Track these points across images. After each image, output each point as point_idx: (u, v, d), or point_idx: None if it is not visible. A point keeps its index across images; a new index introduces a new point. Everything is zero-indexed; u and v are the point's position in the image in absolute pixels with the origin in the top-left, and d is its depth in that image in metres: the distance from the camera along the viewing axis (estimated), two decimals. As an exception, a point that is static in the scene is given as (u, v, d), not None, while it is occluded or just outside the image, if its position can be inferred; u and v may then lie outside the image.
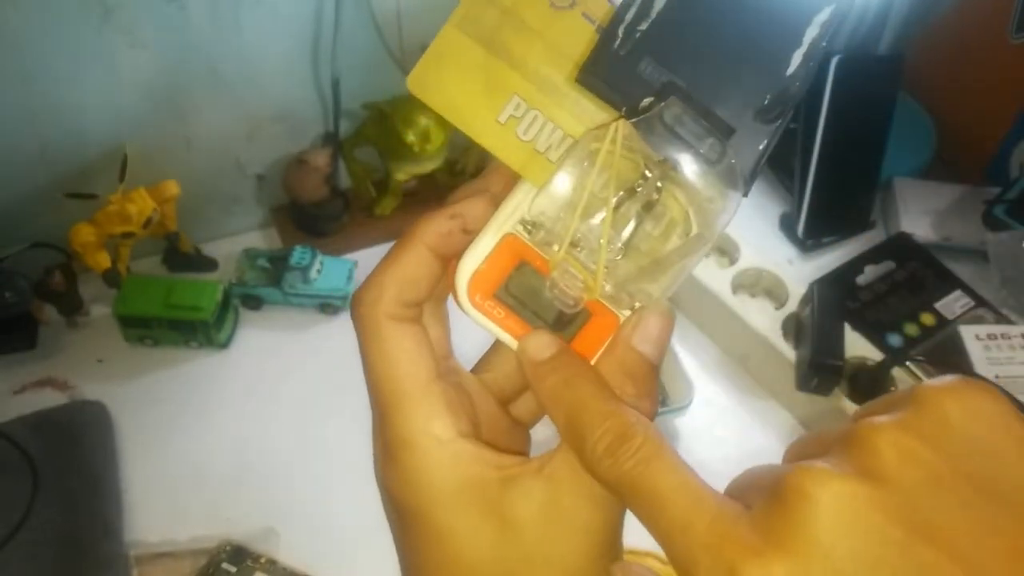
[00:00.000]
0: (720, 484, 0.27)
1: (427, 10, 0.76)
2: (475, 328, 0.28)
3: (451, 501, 0.25)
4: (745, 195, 0.26)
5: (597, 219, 0.25)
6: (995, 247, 0.83)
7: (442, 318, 0.29)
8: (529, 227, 0.26)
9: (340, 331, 0.79)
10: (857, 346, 0.71)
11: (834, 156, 0.85)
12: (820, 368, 0.66)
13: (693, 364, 0.77)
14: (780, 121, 0.26)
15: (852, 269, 0.83)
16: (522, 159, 0.26)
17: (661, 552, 0.64)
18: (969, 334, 0.74)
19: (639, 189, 0.25)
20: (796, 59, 0.25)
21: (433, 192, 0.87)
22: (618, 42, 0.26)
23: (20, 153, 0.71)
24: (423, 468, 0.25)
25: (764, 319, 0.75)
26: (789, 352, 0.71)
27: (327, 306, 0.79)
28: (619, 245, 0.25)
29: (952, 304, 0.80)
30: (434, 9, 0.77)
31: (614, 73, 0.26)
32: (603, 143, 0.25)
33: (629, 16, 0.26)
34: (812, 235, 0.88)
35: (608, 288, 0.26)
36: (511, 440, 0.28)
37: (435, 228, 0.26)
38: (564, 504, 0.25)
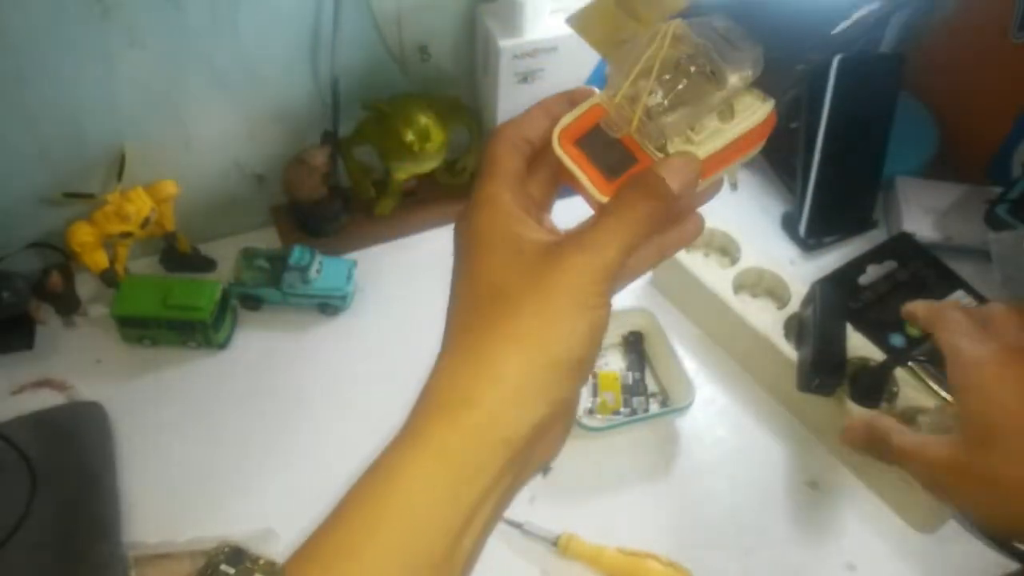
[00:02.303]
0: (721, 484, 0.28)
1: (426, 10, 0.76)
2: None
3: (493, 239, 0.35)
4: (775, 107, 0.36)
5: (652, 84, 0.34)
6: (997, 246, 0.83)
7: (551, 179, 0.39)
8: (609, 92, 0.36)
9: (339, 331, 0.78)
10: (858, 347, 0.71)
11: (836, 155, 0.85)
12: (822, 368, 0.65)
13: (693, 364, 0.77)
14: (807, 66, 0.37)
15: (854, 269, 0.83)
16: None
17: (660, 555, 0.65)
18: (971, 334, 0.74)
19: (683, 61, 0.34)
20: (842, 25, 0.39)
21: (433, 192, 0.87)
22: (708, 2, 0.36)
23: (18, 153, 0.71)
24: (486, 219, 0.35)
25: (766, 319, 0.74)
26: (791, 352, 0.71)
27: (326, 306, 0.78)
28: (662, 99, 0.34)
29: (954, 304, 0.80)
30: (432, 9, 0.76)
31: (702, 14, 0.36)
32: (662, 31, 0.34)
33: None
34: (814, 235, 0.87)
35: (641, 123, 0.35)
36: None
37: (552, 99, 0.38)
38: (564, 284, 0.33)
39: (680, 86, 0.34)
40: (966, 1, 0.93)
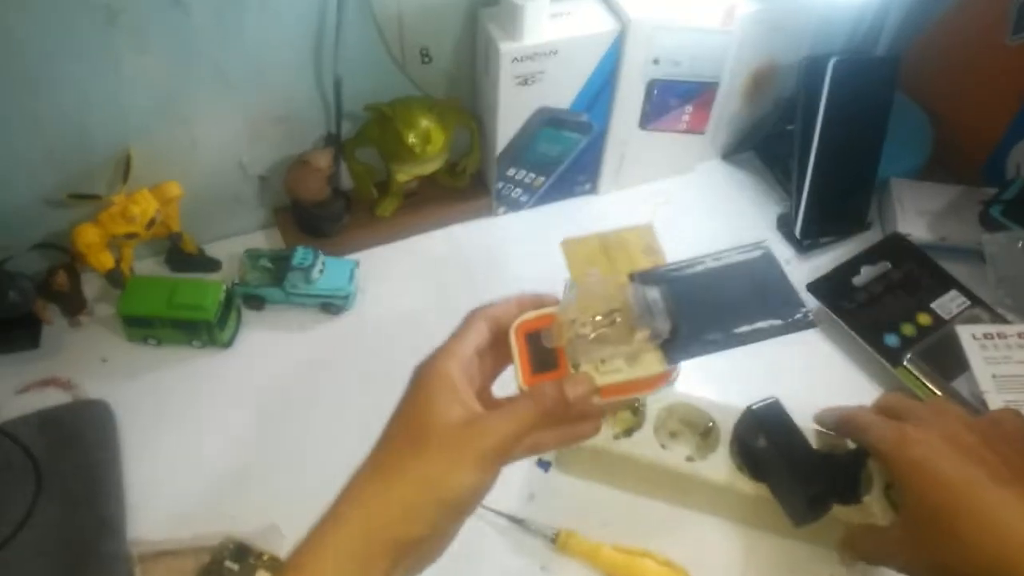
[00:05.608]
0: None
1: (427, 13, 0.77)
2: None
3: (434, 393, 0.45)
4: (671, 363, 0.47)
5: (587, 318, 0.46)
6: (991, 247, 0.84)
7: (505, 354, 0.49)
8: (559, 310, 0.47)
9: (342, 331, 0.79)
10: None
11: (831, 157, 0.85)
12: (813, 500, 0.59)
13: (690, 362, 0.77)
14: (714, 349, 0.47)
15: (848, 270, 0.83)
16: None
17: (656, 553, 0.66)
18: (965, 333, 0.75)
19: (614, 312, 0.47)
20: (744, 328, 0.47)
21: (434, 193, 0.87)
22: (658, 273, 0.49)
23: (24, 154, 0.71)
24: (434, 375, 0.46)
25: (717, 466, 0.63)
26: (761, 491, 0.63)
27: (329, 306, 0.79)
28: (589, 333, 0.46)
29: (948, 304, 0.80)
30: (433, 13, 0.77)
31: (647, 282, 0.49)
32: (608, 286, 0.47)
33: (669, 267, 0.50)
34: (809, 236, 0.88)
35: (568, 343, 0.46)
36: None
37: (528, 297, 0.50)
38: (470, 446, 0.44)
39: (604, 329, 0.45)
40: (962, 3, 0.94)
